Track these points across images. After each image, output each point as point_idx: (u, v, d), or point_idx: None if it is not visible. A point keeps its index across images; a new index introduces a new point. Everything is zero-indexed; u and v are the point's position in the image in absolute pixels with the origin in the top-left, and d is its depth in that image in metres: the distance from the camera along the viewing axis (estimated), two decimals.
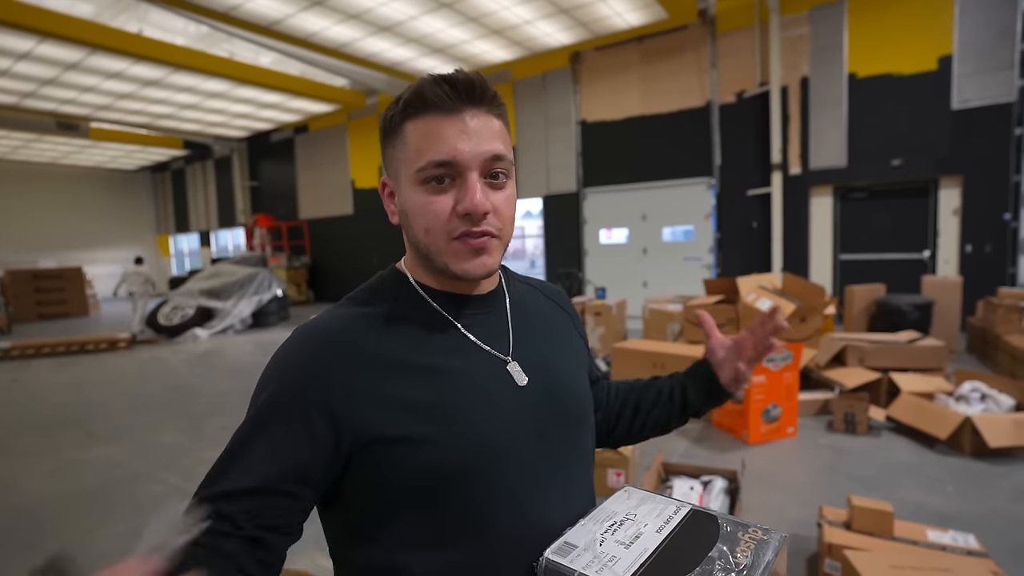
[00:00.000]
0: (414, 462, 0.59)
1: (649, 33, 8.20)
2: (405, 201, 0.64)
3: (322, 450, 0.59)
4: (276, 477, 0.57)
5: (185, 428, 4.21)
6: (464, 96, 0.61)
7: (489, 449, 0.62)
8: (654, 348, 4.38)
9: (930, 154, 6.43)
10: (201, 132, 13.78)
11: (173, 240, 18.72)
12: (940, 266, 6.59)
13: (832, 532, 2.05)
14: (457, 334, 0.67)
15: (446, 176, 0.61)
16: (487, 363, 0.67)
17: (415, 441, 0.59)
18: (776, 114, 7.18)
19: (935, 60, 6.32)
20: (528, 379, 0.68)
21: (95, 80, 9.68)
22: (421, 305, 0.68)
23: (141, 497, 3.00)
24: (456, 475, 0.60)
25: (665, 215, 8.47)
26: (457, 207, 0.61)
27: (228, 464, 0.59)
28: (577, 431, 0.73)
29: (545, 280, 0.87)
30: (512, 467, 0.63)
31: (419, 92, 0.61)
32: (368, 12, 7.46)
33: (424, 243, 0.64)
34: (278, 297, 9.77)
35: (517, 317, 0.73)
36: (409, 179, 0.63)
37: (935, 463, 3.03)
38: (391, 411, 0.60)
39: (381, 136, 0.67)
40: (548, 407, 0.68)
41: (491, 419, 0.63)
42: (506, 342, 0.70)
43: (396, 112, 0.63)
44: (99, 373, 6.40)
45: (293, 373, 0.62)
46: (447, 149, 0.60)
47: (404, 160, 0.63)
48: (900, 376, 3.85)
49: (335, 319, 0.66)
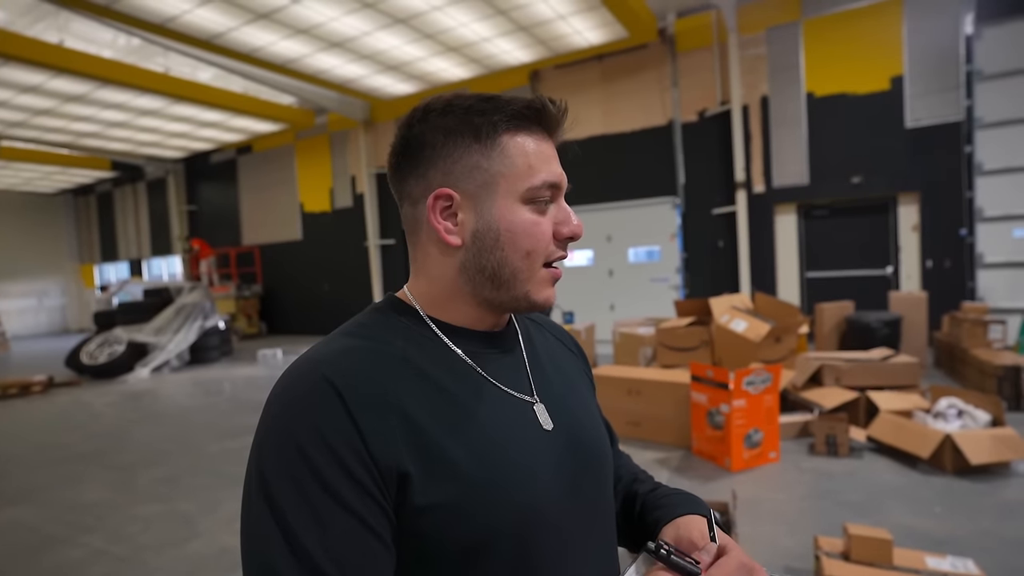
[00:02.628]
0: (450, 530, 0.53)
1: (609, 52, 8.44)
2: (500, 220, 0.60)
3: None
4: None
5: (113, 481, 3.88)
6: (562, 123, 0.64)
7: (530, 511, 0.57)
8: (628, 374, 4.37)
9: (888, 172, 6.80)
10: (132, 152, 13.22)
11: (99, 269, 17.74)
12: (903, 281, 6.92)
13: (831, 564, 2.03)
14: (479, 377, 0.62)
15: (551, 199, 0.63)
16: (515, 408, 0.62)
17: (454, 506, 0.53)
18: (738, 133, 7.47)
19: (887, 80, 6.73)
20: (553, 424, 0.63)
21: (7, 94, 9.16)
22: (435, 344, 0.61)
23: (57, 566, 2.71)
24: (495, 542, 0.54)
25: (630, 236, 8.61)
26: (560, 229, 0.63)
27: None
28: (603, 482, 0.68)
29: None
30: (551, 531, 0.58)
31: (536, 107, 0.61)
32: (318, 27, 7.38)
33: (515, 267, 0.60)
34: (219, 329, 9.33)
35: (531, 356, 0.69)
36: (513, 195, 0.60)
37: (920, 484, 3.09)
38: (425, 469, 0.53)
39: (452, 138, 0.59)
40: (575, 457, 0.64)
41: (529, 477, 0.58)
42: (527, 382, 0.66)
43: (497, 119, 0.59)
44: (9, 422, 5.89)
45: (328, 428, 0.51)
46: (557, 172, 0.62)
47: (507, 174, 0.60)
48: (877, 394, 3.96)
49: (350, 354, 0.57)
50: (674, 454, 3.83)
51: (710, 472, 3.48)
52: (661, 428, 4.07)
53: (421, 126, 0.61)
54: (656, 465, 3.64)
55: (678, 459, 3.73)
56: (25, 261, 16.66)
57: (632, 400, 4.20)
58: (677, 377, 4.12)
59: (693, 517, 0.65)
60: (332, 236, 11.65)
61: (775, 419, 3.56)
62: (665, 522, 0.66)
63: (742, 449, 3.46)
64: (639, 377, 4.26)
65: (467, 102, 0.60)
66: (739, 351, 4.53)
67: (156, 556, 2.76)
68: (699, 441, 3.74)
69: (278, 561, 0.48)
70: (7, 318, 14.32)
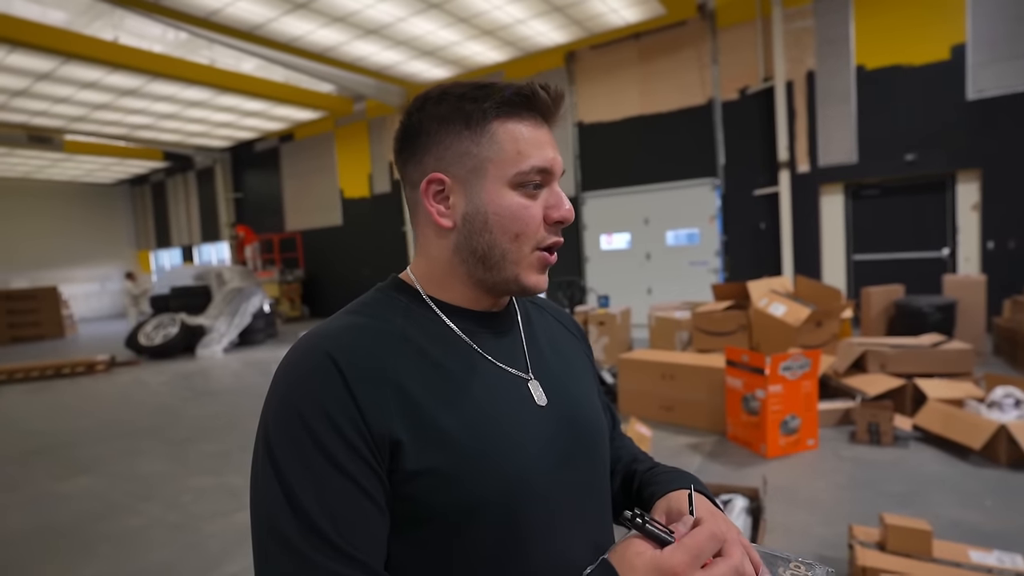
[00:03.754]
0: (439, 495, 0.56)
1: (647, 30, 8.22)
2: (488, 203, 0.62)
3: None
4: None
5: (168, 455, 4.12)
6: (556, 108, 0.65)
7: (518, 481, 0.59)
8: (663, 358, 4.32)
9: (946, 148, 6.43)
10: (182, 143, 13.76)
11: (154, 256, 18.64)
12: (960, 264, 6.56)
13: (865, 554, 1.98)
14: (475, 354, 0.65)
15: (541, 183, 0.63)
16: (509, 383, 0.65)
17: (443, 473, 0.56)
18: (782, 110, 7.18)
19: (947, 50, 6.33)
20: (547, 401, 0.66)
21: (69, 90, 9.66)
22: (435, 322, 0.65)
23: (119, 532, 2.91)
24: (483, 509, 0.57)
25: (668, 218, 8.44)
26: (551, 213, 0.63)
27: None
28: (597, 458, 0.70)
29: (543, 295, 0.83)
30: (539, 502, 0.61)
31: (525, 94, 0.62)
32: (354, 15, 7.46)
33: (504, 250, 0.62)
34: (265, 313, 9.69)
35: (529, 336, 0.72)
36: (501, 180, 0.62)
37: (970, 475, 2.97)
38: (417, 438, 0.56)
39: (445, 125, 0.62)
40: (569, 432, 0.66)
41: (519, 448, 0.60)
42: (523, 360, 0.68)
43: (486, 106, 0.61)
44: (75, 398, 6.31)
45: (327, 398, 0.55)
46: (548, 157, 0.63)
47: (495, 159, 0.61)
48: (926, 382, 3.79)
49: (350, 331, 0.60)
50: (708, 439, 3.78)
51: (744, 458, 3.42)
52: (695, 413, 4.02)
53: (419, 114, 0.63)
54: (689, 450, 3.61)
55: (712, 444, 3.68)
56: (88, 248, 17.66)
57: (666, 384, 4.16)
58: (712, 362, 4.05)
59: (684, 492, 0.66)
60: (371, 221, 11.87)
61: (813, 405, 3.46)
62: (658, 497, 0.67)
63: (778, 435, 3.39)
64: (673, 361, 4.21)
65: (461, 90, 0.62)
66: (778, 336, 4.42)
67: (207, 524, 2.93)
68: (734, 427, 3.68)
69: (279, 516, 0.52)
70: (74, 302, 15.25)
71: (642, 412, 4.20)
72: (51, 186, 16.89)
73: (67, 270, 16.99)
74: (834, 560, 2.23)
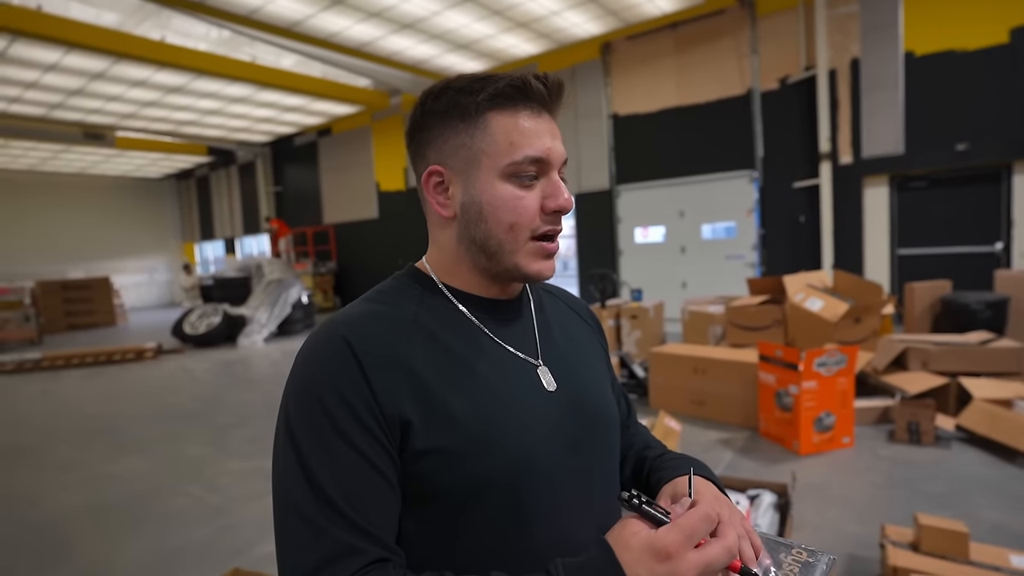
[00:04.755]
0: (446, 474, 0.59)
1: (684, 19, 8.06)
2: (482, 194, 0.64)
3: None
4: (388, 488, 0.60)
5: (210, 439, 4.31)
6: (555, 97, 0.65)
7: (523, 462, 0.62)
8: (695, 352, 4.28)
9: (1002, 136, 6.11)
10: (225, 138, 14.22)
11: (199, 248, 19.34)
12: (1015, 259, 6.24)
13: (897, 554, 1.94)
14: (486, 339, 0.67)
15: (537, 173, 0.64)
16: (518, 368, 0.67)
17: (450, 452, 0.59)
18: (824, 100, 6.95)
19: (1006, 32, 6.00)
20: (557, 386, 0.68)
21: (120, 89, 10.09)
22: (448, 309, 0.68)
23: (165, 511, 3.07)
24: (488, 488, 0.60)
25: (704, 211, 8.29)
26: (547, 203, 0.64)
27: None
28: (605, 443, 0.72)
29: (574, 284, 0.84)
30: (544, 482, 0.63)
31: (518, 85, 0.62)
32: (390, 9, 7.56)
33: (500, 239, 0.64)
34: (303, 304, 9.97)
35: (541, 323, 0.74)
36: (494, 171, 0.63)
37: (1015, 479, 2.85)
38: (426, 419, 0.59)
39: (443, 120, 0.64)
40: (577, 416, 0.68)
41: (525, 430, 0.63)
42: (534, 347, 0.70)
43: (480, 99, 0.62)
44: (126, 384, 6.64)
45: (342, 380, 0.59)
46: (543, 147, 0.63)
47: (488, 151, 0.63)
48: (971, 381, 3.64)
49: (367, 318, 0.64)
50: (739, 435, 3.73)
51: (776, 454, 3.36)
52: (726, 408, 3.97)
53: (422, 110, 0.66)
54: (720, 445, 3.57)
55: (743, 440, 3.63)
56: (138, 240, 18.47)
57: (697, 379, 4.11)
58: (744, 356, 3.99)
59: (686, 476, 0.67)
60: (406, 213, 12.04)
61: (850, 403, 3.38)
62: (664, 482, 0.69)
63: (811, 432, 3.32)
64: (705, 356, 4.16)
65: (460, 84, 0.64)
66: (814, 331, 4.31)
67: (243, 507, 3.06)
68: (766, 423, 3.62)
69: (297, 493, 0.56)
70: (124, 292, 15.99)
71: (673, 406, 4.17)
72: (104, 181, 17.71)
73: (118, 261, 17.82)
74: (865, 560, 2.19)
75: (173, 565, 2.53)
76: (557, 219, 0.65)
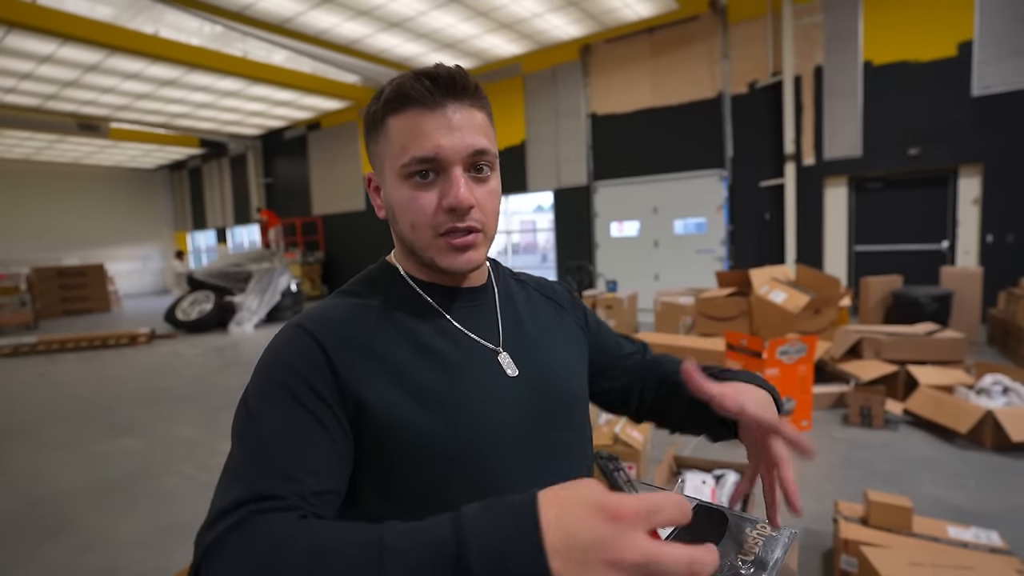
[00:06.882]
0: (408, 452, 0.59)
1: (659, 24, 8.06)
2: (390, 196, 0.65)
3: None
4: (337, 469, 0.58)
5: (201, 421, 4.24)
6: (445, 90, 0.61)
7: (483, 442, 0.61)
8: (666, 341, 4.32)
9: (949, 143, 6.25)
10: (217, 131, 13.87)
11: (191, 237, 18.93)
12: (959, 257, 6.42)
13: (848, 528, 1.99)
14: (448, 326, 0.67)
15: (430, 171, 0.61)
16: (478, 354, 0.67)
17: (412, 428, 0.59)
18: (789, 104, 7.03)
19: (954, 46, 6.13)
20: (519, 371, 0.68)
21: (114, 81, 9.77)
22: (413, 297, 0.68)
23: (160, 489, 3.02)
24: (449, 466, 0.60)
25: (676, 207, 8.35)
26: (442, 201, 0.61)
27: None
28: (571, 423, 0.72)
29: (552, 276, 0.83)
30: (506, 461, 0.62)
31: (399, 88, 0.61)
32: (378, 8, 7.42)
33: (410, 238, 0.65)
34: (292, 292, 9.83)
35: (507, 310, 0.73)
36: (393, 174, 0.63)
37: (955, 458, 2.95)
38: (389, 398, 0.59)
39: (364, 132, 0.67)
40: (541, 399, 0.68)
41: (485, 411, 0.63)
42: (496, 334, 0.70)
43: (378, 108, 0.63)
44: (120, 367, 6.49)
45: (301, 362, 0.59)
46: (430, 145, 0.60)
47: (388, 156, 0.63)
48: (918, 369, 3.75)
49: (331, 308, 0.65)
50: None
51: None
52: None
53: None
54: None
55: None
56: (131, 229, 18.00)
57: None
58: (712, 345, 4.05)
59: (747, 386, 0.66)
60: None
61: (808, 389, 3.45)
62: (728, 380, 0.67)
63: None
64: (675, 344, 4.21)
65: (376, 94, 0.64)
66: (777, 322, 4.39)
67: None
68: None
69: (242, 432, 0.56)
70: (119, 279, 15.61)
71: None
72: (98, 171, 17.18)
73: (112, 249, 17.35)
74: (820, 534, 2.25)
75: (169, 539, 2.49)
76: (459, 215, 0.61)
